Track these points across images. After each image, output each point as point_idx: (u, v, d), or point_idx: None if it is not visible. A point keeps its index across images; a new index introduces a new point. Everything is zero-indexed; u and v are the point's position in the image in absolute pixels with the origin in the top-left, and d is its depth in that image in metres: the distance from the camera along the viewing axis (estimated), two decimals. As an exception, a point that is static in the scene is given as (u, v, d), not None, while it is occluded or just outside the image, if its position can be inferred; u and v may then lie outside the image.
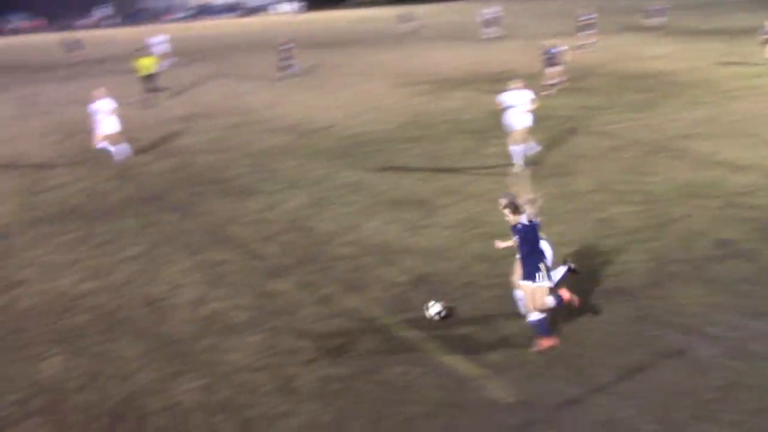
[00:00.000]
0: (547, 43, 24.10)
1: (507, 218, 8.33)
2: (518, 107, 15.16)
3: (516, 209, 8.20)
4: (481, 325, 9.03)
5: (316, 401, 7.68)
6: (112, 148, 18.60)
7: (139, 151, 19.62)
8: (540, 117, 20.06)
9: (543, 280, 8.25)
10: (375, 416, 7.38)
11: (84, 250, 12.50)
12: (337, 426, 7.28)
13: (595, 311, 9.00)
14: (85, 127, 23.32)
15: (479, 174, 15.29)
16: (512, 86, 15.35)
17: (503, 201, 8.32)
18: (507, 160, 15.59)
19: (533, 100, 15.22)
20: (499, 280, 10.05)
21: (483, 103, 22.52)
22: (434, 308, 9.14)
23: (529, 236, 8.19)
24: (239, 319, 9.66)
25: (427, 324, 9.09)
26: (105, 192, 16.00)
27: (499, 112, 15.99)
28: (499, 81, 25.78)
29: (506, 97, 15.25)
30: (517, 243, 8.31)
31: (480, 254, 11.17)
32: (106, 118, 18.24)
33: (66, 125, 24.04)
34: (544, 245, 8.44)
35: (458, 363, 8.23)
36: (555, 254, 8.87)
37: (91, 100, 18.55)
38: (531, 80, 23.70)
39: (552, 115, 20.23)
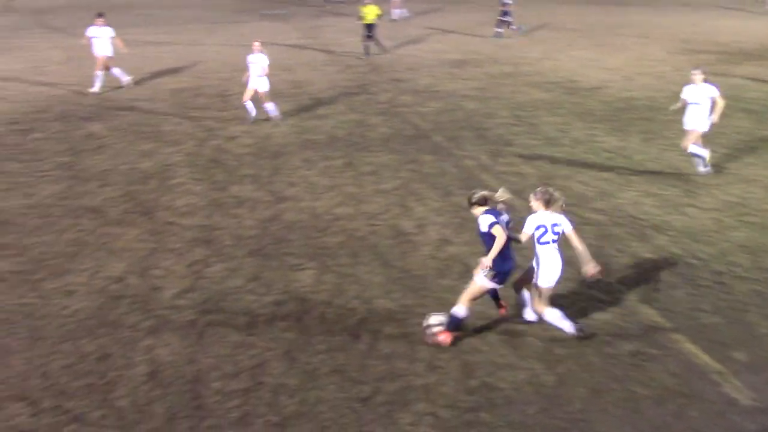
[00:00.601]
0: None
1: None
2: (696, 105, 12.85)
3: (477, 203, 7.88)
4: (730, 319, 8.44)
5: (539, 360, 7.70)
6: (252, 107, 16.88)
7: (407, 91, 20.37)
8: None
9: (489, 280, 7.82)
10: (598, 388, 7.25)
11: (345, 177, 13.36)
12: (557, 389, 7.25)
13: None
14: (358, 62, 24.61)
15: (757, 157, 14.02)
16: (693, 78, 12.97)
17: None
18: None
19: (715, 99, 12.71)
20: (762, 275, 9.28)
21: (774, 81, 20.46)
22: (433, 319, 8.10)
23: (491, 219, 7.71)
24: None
25: (670, 305, 8.68)
26: (371, 126, 16.86)
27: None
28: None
29: (687, 92, 13.00)
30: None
31: (744, 243, 10.36)
32: (257, 74, 16.68)
33: (343, 58, 25.49)
34: (549, 263, 7.92)
35: (698, 353, 7.79)
36: None
37: (250, 52, 16.94)
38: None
39: None
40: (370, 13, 25.18)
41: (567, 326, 8.00)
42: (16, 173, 13.63)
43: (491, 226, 7.68)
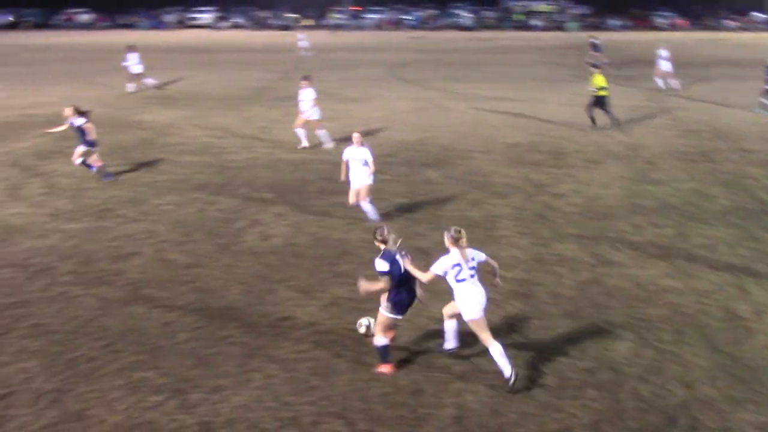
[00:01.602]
0: None
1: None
2: None
3: (380, 241, 8.54)
4: None
5: None
6: (371, 208, 14.14)
7: (757, 162, 18.74)
8: None
9: (388, 312, 8.50)
10: None
11: (674, 248, 12.60)
12: None
13: None
14: (702, 126, 23.19)
15: None
16: None
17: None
18: None
19: None
20: None
21: None
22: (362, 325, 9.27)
23: (384, 267, 8.37)
24: (826, 367, 8.66)
25: None
26: (709, 196, 15.76)
27: None
28: None
29: None
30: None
31: None
32: (357, 170, 13.92)
33: (684, 122, 24.28)
34: (468, 298, 8.34)
35: None
36: None
37: (349, 144, 14.24)
38: None
39: None
40: (598, 83, 22.91)
41: (505, 365, 8.16)
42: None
43: (380, 274, 8.40)
